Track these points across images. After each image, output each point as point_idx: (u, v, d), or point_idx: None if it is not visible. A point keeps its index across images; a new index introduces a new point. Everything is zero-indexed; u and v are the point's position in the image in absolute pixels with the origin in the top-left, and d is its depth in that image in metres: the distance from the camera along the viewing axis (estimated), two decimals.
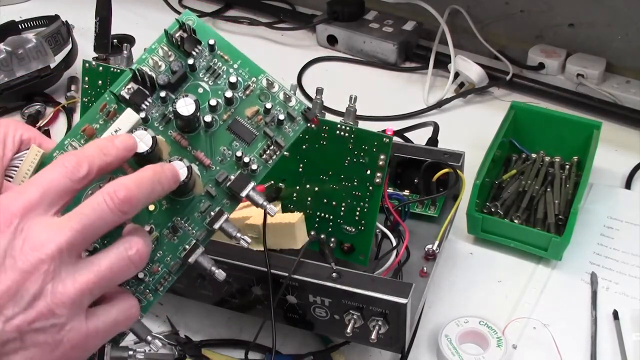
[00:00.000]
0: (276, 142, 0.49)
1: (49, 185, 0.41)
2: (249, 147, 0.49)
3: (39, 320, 0.38)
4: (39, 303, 0.38)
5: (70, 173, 0.41)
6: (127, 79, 0.48)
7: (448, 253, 0.73)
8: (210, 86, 0.49)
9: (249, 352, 0.62)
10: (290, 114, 0.49)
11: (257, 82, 0.49)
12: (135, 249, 0.42)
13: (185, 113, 0.46)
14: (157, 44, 0.49)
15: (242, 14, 1.19)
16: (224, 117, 0.49)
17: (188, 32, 0.49)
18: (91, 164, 0.42)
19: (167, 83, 0.48)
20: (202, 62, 0.49)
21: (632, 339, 0.65)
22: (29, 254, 0.38)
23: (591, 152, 0.77)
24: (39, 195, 0.40)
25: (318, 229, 0.64)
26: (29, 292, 0.38)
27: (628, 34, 0.95)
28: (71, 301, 0.39)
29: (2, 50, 0.91)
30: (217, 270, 0.47)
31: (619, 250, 0.74)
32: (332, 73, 1.05)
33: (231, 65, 0.49)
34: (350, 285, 0.56)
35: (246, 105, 0.49)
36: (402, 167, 0.72)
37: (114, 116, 0.47)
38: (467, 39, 1.04)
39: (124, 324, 0.44)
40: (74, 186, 0.41)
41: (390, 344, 0.58)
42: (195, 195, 0.48)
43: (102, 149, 0.43)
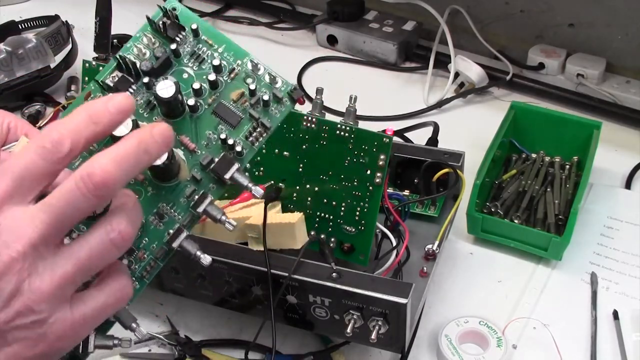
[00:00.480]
0: (262, 124, 0.48)
1: (24, 172, 0.38)
2: (234, 130, 0.48)
3: (18, 318, 0.37)
4: (16, 302, 0.37)
5: (50, 153, 0.38)
6: (112, 68, 0.47)
7: (448, 253, 0.73)
8: (195, 71, 0.48)
9: (249, 352, 0.62)
10: (276, 95, 0.48)
11: (242, 65, 0.49)
12: (117, 230, 0.39)
13: (165, 95, 0.45)
14: (141, 32, 0.48)
15: (242, 14, 1.19)
16: (208, 101, 0.48)
17: (171, 19, 0.48)
18: (76, 139, 0.38)
19: (151, 69, 0.47)
20: (187, 47, 0.48)
21: (632, 339, 0.65)
22: (1, 252, 0.37)
23: (591, 152, 0.77)
24: (12, 184, 0.37)
25: (318, 229, 0.64)
26: (5, 292, 0.37)
27: (628, 34, 0.95)
28: (50, 296, 0.38)
29: (2, 50, 0.91)
30: (203, 255, 0.45)
31: (619, 250, 0.74)
32: (332, 73, 1.05)
33: (216, 49, 0.49)
34: (350, 285, 0.56)
35: (231, 88, 0.48)
36: (402, 167, 0.72)
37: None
38: (467, 39, 1.04)
39: (114, 306, 0.41)
40: (54, 167, 0.38)
41: (390, 344, 0.58)
42: (180, 180, 0.47)
43: (92, 116, 0.39)
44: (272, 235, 0.60)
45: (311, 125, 0.62)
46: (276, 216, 0.61)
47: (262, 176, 0.65)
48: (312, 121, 0.62)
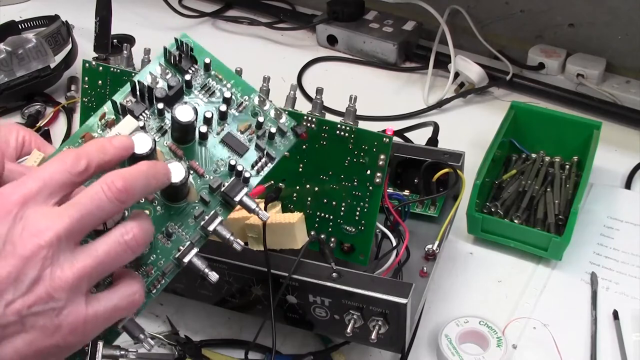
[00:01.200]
0: (267, 154, 0.51)
1: (49, 178, 0.42)
2: (241, 159, 0.51)
3: (38, 304, 0.39)
4: (38, 287, 0.39)
5: (70, 167, 0.42)
6: (127, 91, 0.50)
7: (448, 253, 0.73)
8: (205, 103, 0.51)
9: (249, 352, 0.62)
10: (281, 129, 0.51)
11: (250, 100, 0.52)
12: (131, 234, 0.43)
13: (184, 119, 0.47)
14: (156, 61, 0.51)
15: (242, 14, 1.19)
16: (217, 130, 0.51)
17: (185, 51, 0.51)
18: (90, 160, 0.43)
19: (165, 96, 0.50)
20: (198, 80, 0.52)
21: (632, 339, 0.65)
22: (29, 240, 0.39)
23: (591, 152, 0.77)
24: (38, 186, 0.41)
25: (318, 229, 0.64)
26: (29, 277, 0.39)
27: (628, 34, 0.95)
28: (69, 285, 0.40)
29: (2, 50, 0.91)
30: (210, 272, 0.48)
31: (619, 250, 0.74)
32: (332, 73, 1.05)
33: (225, 84, 0.52)
34: (350, 285, 0.56)
35: (239, 120, 0.52)
36: (402, 167, 0.72)
37: (112, 125, 0.49)
38: (467, 39, 1.04)
39: (125, 310, 0.44)
40: (72, 179, 0.42)
41: (390, 344, 0.58)
42: (189, 202, 0.49)
43: (100, 147, 0.44)
44: (272, 235, 0.60)
45: (311, 125, 0.62)
46: (276, 216, 0.61)
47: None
48: (312, 121, 0.62)
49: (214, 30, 1.16)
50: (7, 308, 0.39)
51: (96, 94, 0.68)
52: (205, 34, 1.14)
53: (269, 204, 0.63)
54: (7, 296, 0.39)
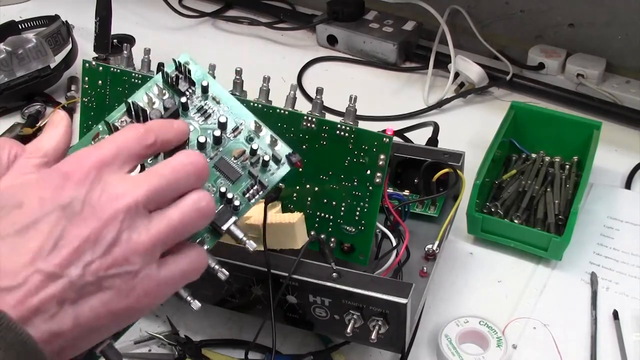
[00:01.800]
0: (260, 182, 0.50)
1: (123, 145, 0.43)
2: (233, 185, 0.50)
3: (115, 266, 0.40)
4: (115, 250, 0.40)
5: (141, 139, 0.44)
6: (122, 112, 0.49)
7: (448, 253, 0.73)
8: (200, 125, 0.51)
9: (249, 352, 0.62)
10: (276, 157, 0.51)
11: (246, 125, 0.51)
12: (205, 201, 0.44)
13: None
14: (153, 82, 0.51)
15: (242, 14, 1.19)
16: (211, 155, 0.50)
17: (183, 73, 0.51)
18: (157, 135, 0.44)
19: (159, 118, 0.49)
20: (195, 102, 0.51)
21: (632, 339, 0.65)
22: (107, 204, 0.40)
23: (591, 152, 0.77)
24: (114, 151, 0.42)
25: (318, 229, 0.64)
26: (107, 240, 0.40)
27: (628, 34, 0.95)
28: (144, 250, 0.41)
29: (2, 50, 0.91)
30: (221, 269, 0.48)
31: (619, 250, 0.74)
32: (332, 73, 1.05)
33: (222, 107, 0.51)
34: (350, 285, 0.56)
35: (233, 146, 0.51)
36: (402, 167, 0.72)
37: None
38: (467, 39, 1.04)
39: (193, 274, 0.45)
40: (142, 151, 0.44)
41: (390, 344, 0.58)
42: None
43: (164, 126, 0.46)
44: (272, 235, 0.60)
45: (311, 125, 0.62)
46: (276, 216, 0.61)
47: None
48: (312, 121, 0.62)
49: (214, 30, 1.16)
50: (86, 268, 0.39)
51: (96, 94, 0.68)
52: (205, 34, 1.14)
53: (269, 204, 0.63)
54: (86, 257, 0.39)
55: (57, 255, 0.39)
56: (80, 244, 0.39)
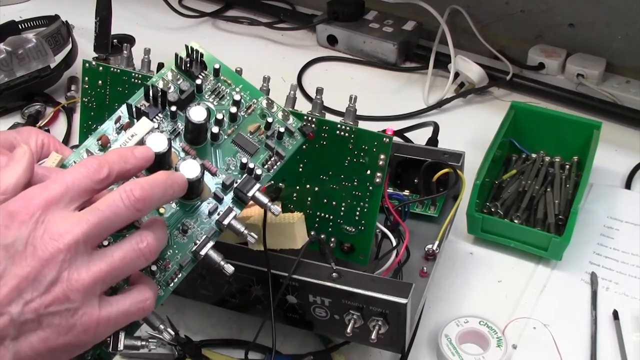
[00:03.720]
0: (277, 153, 0.54)
1: (71, 183, 0.44)
2: (252, 157, 0.53)
3: (54, 304, 0.41)
4: (56, 289, 0.41)
5: (92, 174, 0.44)
6: (141, 96, 0.53)
7: (448, 253, 0.73)
8: (215, 106, 0.54)
9: (249, 352, 0.62)
10: (289, 129, 0.54)
11: (258, 103, 0.55)
12: (145, 242, 0.45)
13: (197, 119, 0.50)
14: (167, 69, 0.54)
15: (242, 14, 1.19)
16: (228, 131, 0.53)
17: (195, 58, 0.54)
18: (111, 168, 0.45)
19: (177, 100, 0.52)
20: (208, 85, 0.54)
21: (632, 339, 0.65)
22: (49, 243, 0.41)
23: (591, 152, 0.77)
24: (61, 191, 0.43)
25: (318, 229, 0.64)
26: (47, 278, 0.41)
27: (628, 34, 0.95)
28: (84, 288, 0.42)
29: (2, 50, 0.91)
30: (226, 265, 0.50)
31: (619, 250, 0.74)
32: (332, 73, 1.05)
33: (233, 88, 0.55)
34: (350, 285, 0.56)
35: (248, 122, 0.54)
36: (402, 167, 0.72)
37: (127, 128, 0.51)
38: (467, 39, 1.04)
39: (135, 315, 0.46)
40: (94, 186, 0.44)
41: (390, 344, 0.58)
42: (202, 199, 0.51)
43: (122, 156, 0.46)
44: (272, 235, 0.60)
45: (311, 125, 0.62)
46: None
47: None
48: (312, 121, 0.62)
49: (214, 30, 1.16)
50: (26, 306, 0.41)
51: (96, 94, 0.68)
52: (205, 34, 1.14)
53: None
54: (26, 295, 0.41)
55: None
56: (20, 282, 0.40)
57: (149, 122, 0.50)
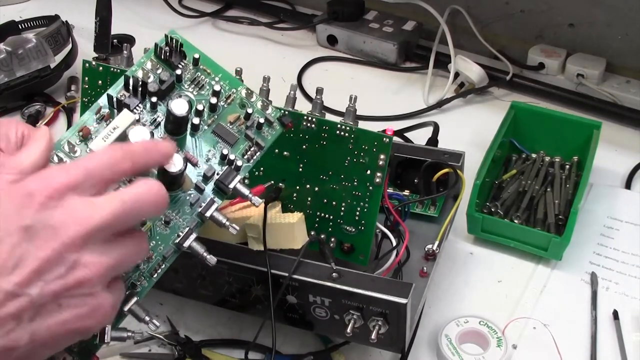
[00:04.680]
0: (257, 143, 0.54)
1: (92, 170, 0.43)
2: (232, 148, 0.53)
3: (73, 288, 0.41)
4: (76, 272, 0.41)
5: (114, 164, 0.44)
6: (120, 86, 0.52)
7: (448, 253, 0.73)
8: (195, 96, 0.54)
9: (249, 352, 0.62)
10: (268, 119, 0.55)
11: (237, 93, 0.55)
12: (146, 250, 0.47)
13: (179, 112, 0.50)
14: (146, 58, 0.54)
15: (242, 14, 1.19)
16: (208, 122, 0.53)
17: (175, 47, 0.54)
18: (134, 162, 0.45)
19: (157, 90, 0.52)
20: (187, 74, 0.54)
21: (632, 339, 0.65)
22: (68, 227, 0.41)
23: (591, 152, 0.77)
24: (82, 176, 0.43)
25: (318, 229, 0.64)
26: (68, 262, 0.41)
27: (628, 34, 0.95)
28: (101, 273, 0.42)
29: (2, 50, 0.91)
30: (209, 256, 0.50)
31: (619, 250, 0.74)
32: (332, 73, 1.05)
33: (213, 77, 0.55)
34: (350, 285, 0.56)
35: (228, 112, 0.54)
36: (402, 167, 0.72)
37: (108, 119, 0.51)
38: (467, 39, 1.04)
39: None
40: (113, 177, 0.44)
41: (390, 344, 0.58)
42: (184, 190, 0.52)
43: (147, 150, 0.46)
44: (272, 235, 0.60)
45: (311, 125, 0.62)
46: (276, 216, 0.61)
47: (262, 176, 0.65)
48: (312, 121, 0.62)
49: (214, 30, 1.16)
50: (45, 288, 0.41)
51: (96, 94, 0.68)
52: (205, 34, 1.14)
53: (269, 204, 0.63)
54: (47, 277, 0.41)
55: (17, 274, 0.40)
56: (40, 265, 0.40)
57: (131, 114, 0.49)
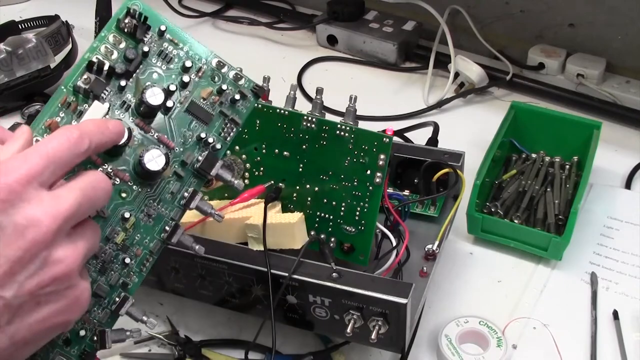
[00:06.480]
0: (232, 120, 0.52)
1: (52, 155, 0.41)
2: (208, 127, 0.51)
3: (48, 284, 0.41)
4: (51, 268, 0.40)
5: (74, 145, 0.42)
6: (82, 69, 0.48)
7: (448, 253, 0.73)
8: (163, 71, 0.51)
9: (249, 352, 0.62)
10: (242, 92, 0.52)
11: (208, 64, 0.52)
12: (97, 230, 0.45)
13: (155, 103, 0.48)
14: (107, 32, 0.49)
15: (242, 14, 1.19)
16: (181, 99, 0.51)
17: (138, 19, 0.50)
18: (91, 140, 0.43)
19: (125, 72, 0.49)
20: (153, 47, 0.51)
21: (632, 339, 0.65)
22: (37, 223, 0.40)
23: (591, 152, 0.77)
24: (42, 164, 0.41)
25: (318, 229, 0.64)
26: (40, 259, 0.40)
27: (628, 34, 0.95)
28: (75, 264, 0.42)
29: (2, 50, 0.91)
30: (198, 246, 0.50)
31: (619, 250, 0.74)
32: (332, 73, 1.05)
33: (181, 48, 0.51)
34: (350, 285, 0.56)
35: (200, 87, 0.52)
36: (402, 167, 0.72)
37: (75, 109, 0.48)
38: (467, 39, 1.04)
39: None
40: (74, 160, 0.42)
41: (390, 344, 0.58)
42: (163, 178, 0.50)
43: (99, 127, 0.44)
44: (272, 235, 0.60)
45: (311, 125, 0.62)
46: (276, 216, 0.61)
47: (262, 176, 0.65)
48: (312, 121, 0.62)
49: (214, 30, 1.16)
50: (20, 289, 0.40)
51: None
52: (205, 34, 1.14)
53: (269, 204, 0.63)
54: (20, 278, 0.39)
55: None
56: (12, 266, 0.39)
57: (102, 105, 0.48)
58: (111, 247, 0.49)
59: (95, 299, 0.48)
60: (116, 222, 0.48)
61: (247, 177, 0.66)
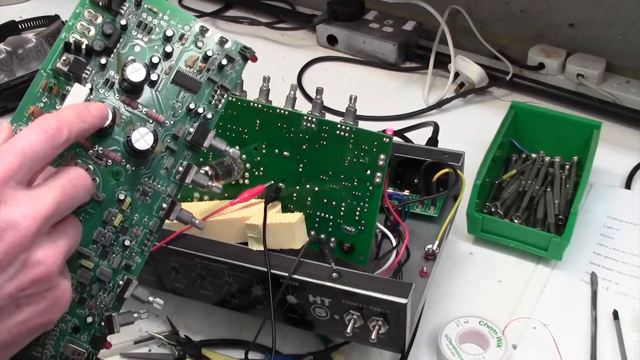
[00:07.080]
0: (222, 86, 0.50)
1: (29, 150, 0.40)
2: (197, 96, 0.49)
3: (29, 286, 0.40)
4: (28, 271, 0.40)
5: (51, 138, 0.41)
6: (59, 51, 0.47)
7: (448, 253, 0.73)
8: (145, 42, 0.49)
9: (249, 352, 0.62)
10: (229, 56, 0.50)
11: (191, 29, 0.50)
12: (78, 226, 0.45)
13: (137, 79, 0.47)
14: (82, 8, 0.48)
15: (242, 14, 1.19)
16: (167, 71, 0.49)
17: None
18: (70, 129, 0.41)
19: (104, 49, 0.47)
20: (132, 18, 0.49)
21: (632, 339, 0.65)
22: (14, 225, 0.39)
23: (591, 152, 0.77)
24: (18, 161, 0.39)
25: (318, 229, 0.64)
26: (18, 261, 0.39)
27: (628, 34, 0.95)
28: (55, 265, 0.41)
29: (2, 50, 0.91)
30: (197, 221, 0.49)
31: (619, 250, 0.74)
32: (332, 73, 1.05)
33: (161, 17, 0.49)
34: (350, 285, 0.56)
35: (185, 55, 0.50)
36: (402, 167, 0.72)
37: (58, 92, 0.47)
38: (467, 39, 1.04)
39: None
40: (53, 152, 0.41)
41: (390, 344, 0.58)
42: (155, 154, 0.49)
43: (79, 114, 0.43)
44: (272, 235, 0.60)
45: (311, 125, 0.62)
46: (276, 216, 0.61)
47: (262, 176, 0.65)
48: (312, 121, 0.62)
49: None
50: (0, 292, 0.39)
51: None
52: None
53: (269, 204, 0.63)
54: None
55: None
56: None
57: (83, 88, 0.46)
58: (110, 230, 0.48)
59: (100, 284, 0.48)
60: (112, 204, 0.48)
61: (247, 177, 0.66)
